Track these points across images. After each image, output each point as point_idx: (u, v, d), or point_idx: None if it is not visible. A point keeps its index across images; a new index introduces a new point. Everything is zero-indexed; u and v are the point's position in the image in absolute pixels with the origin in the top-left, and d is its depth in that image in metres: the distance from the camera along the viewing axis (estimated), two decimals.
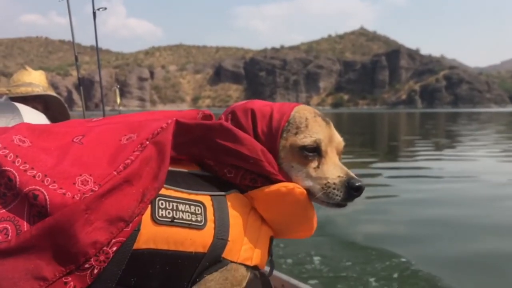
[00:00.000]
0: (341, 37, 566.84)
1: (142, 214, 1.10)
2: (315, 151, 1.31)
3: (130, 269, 1.09)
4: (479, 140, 23.27)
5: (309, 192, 1.29)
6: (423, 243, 5.94)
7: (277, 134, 1.31)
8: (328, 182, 1.28)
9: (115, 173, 1.12)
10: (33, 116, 1.80)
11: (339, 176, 1.28)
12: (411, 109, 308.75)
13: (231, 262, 1.18)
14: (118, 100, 3.76)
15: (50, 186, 1.05)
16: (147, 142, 1.19)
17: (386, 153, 18.84)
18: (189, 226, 1.14)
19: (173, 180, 1.20)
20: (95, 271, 1.03)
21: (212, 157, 1.27)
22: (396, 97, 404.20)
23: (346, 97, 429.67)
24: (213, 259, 1.16)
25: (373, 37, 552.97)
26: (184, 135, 1.26)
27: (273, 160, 1.27)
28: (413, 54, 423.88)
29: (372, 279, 4.68)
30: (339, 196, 1.26)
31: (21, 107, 1.80)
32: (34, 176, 1.06)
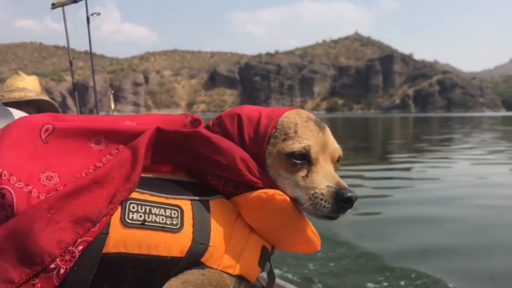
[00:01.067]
0: (335, 42, 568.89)
1: (111, 215, 1.09)
2: (304, 159, 1.25)
3: (101, 274, 1.06)
4: (463, 144, 23.73)
5: (297, 202, 1.24)
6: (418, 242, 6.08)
7: (264, 140, 1.27)
8: (316, 192, 1.22)
9: (83, 174, 1.12)
10: None
11: (328, 186, 1.22)
12: (404, 113, 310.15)
13: (211, 268, 1.14)
14: (113, 105, 3.75)
15: (16, 185, 1.05)
16: (123, 147, 1.19)
17: (379, 156, 19.15)
18: (162, 229, 1.10)
19: (151, 185, 1.18)
20: (61, 271, 1.01)
21: (195, 165, 1.24)
22: (390, 101, 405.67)
23: (340, 101, 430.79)
24: (192, 263, 1.12)
25: (367, 42, 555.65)
26: (166, 143, 1.24)
27: (255, 168, 1.23)
28: (406, 59, 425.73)
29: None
30: (327, 207, 1.20)
31: (14, 112, 1.79)
32: (0, 175, 1.05)
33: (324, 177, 1.23)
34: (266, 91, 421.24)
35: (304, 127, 1.28)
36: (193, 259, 1.12)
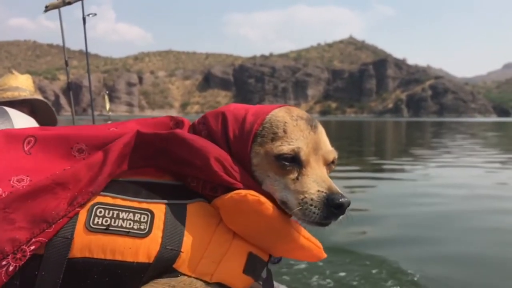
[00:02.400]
0: (330, 45, 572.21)
1: (69, 217, 1.08)
2: (294, 161, 1.18)
3: (69, 278, 1.06)
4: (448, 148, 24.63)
5: (286, 206, 1.18)
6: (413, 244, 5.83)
7: (248, 138, 1.21)
8: (305, 197, 1.14)
9: (48, 176, 1.12)
10: (23, 120, 1.80)
11: (318, 191, 1.14)
12: (397, 117, 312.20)
13: (184, 275, 1.09)
14: (108, 106, 3.77)
15: None
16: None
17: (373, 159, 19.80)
18: (128, 234, 1.07)
19: (126, 189, 1.15)
20: (10, 268, 1.02)
21: (175, 168, 1.21)
22: (383, 105, 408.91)
23: (334, 105, 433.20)
24: (162, 269, 1.09)
25: (362, 46, 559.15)
26: (146, 146, 1.21)
27: (233, 167, 1.17)
28: (400, 64, 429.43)
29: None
30: (317, 213, 1.12)
31: (10, 111, 1.79)
32: None
33: (315, 181, 1.16)
34: (260, 93, 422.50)
35: (294, 126, 1.20)
36: (163, 265, 1.08)
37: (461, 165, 15.44)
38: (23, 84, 2.99)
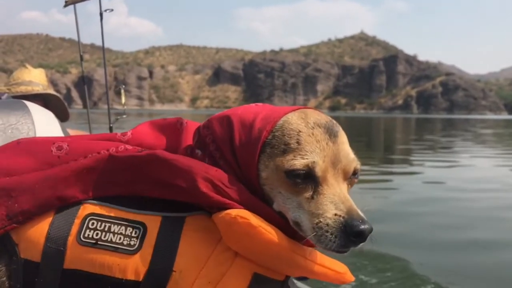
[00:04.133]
0: (340, 41, 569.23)
1: (7, 230, 1.06)
2: (308, 177, 1.03)
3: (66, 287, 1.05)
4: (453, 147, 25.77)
5: (300, 229, 1.05)
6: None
7: (256, 147, 1.07)
8: (320, 222, 1.00)
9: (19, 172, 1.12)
10: (41, 114, 1.84)
11: (336, 215, 1.00)
12: (407, 114, 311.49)
13: None
14: (123, 100, 3.77)
15: None
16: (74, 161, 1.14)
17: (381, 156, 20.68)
18: (116, 250, 1.03)
19: (122, 199, 1.10)
20: None
21: (158, 193, 1.09)
22: (393, 102, 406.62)
23: (343, 100, 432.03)
24: None
25: (373, 41, 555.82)
26: (122, 171, 1.11)
27: (229, 185, 1.05)
28: (410, 60, 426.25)
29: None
30: (334, 241, 0.99)
31: (30, 105, 1.85)
32: None
33: (332, 202, 1.01)
34: (270, 88, 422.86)
35: (310, 136, 1.05)
36: (155, 284, 1.02)
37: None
38: (36, 78, 2.97)
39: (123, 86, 3.83)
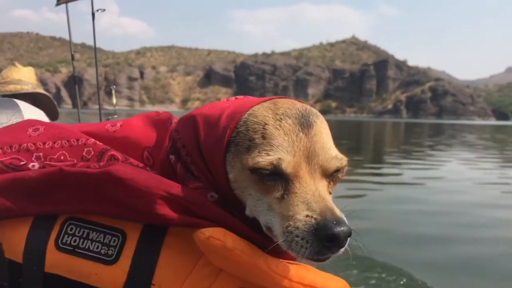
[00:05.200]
0: (332, 45, 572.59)
1: None
2: (277, 174, 0.90)
3: None
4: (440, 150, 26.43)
5: (272, 235, 0.92)
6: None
7: (220, 147, 0.95)
8: (290, 225, 0.86)
9: None
10: (32, 113, 1.82)
11: (307, 216, 0.85)
12: (396, 118, 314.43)
13: None
14: (114, 100, 3.73)
15: None
16: (51, 143, 1.13)
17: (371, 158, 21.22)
18: (93, 259, 0.97)
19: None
20: None
21: (120, 212, 0.99)
22: (383, 106, 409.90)
23: (334, 104, 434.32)
24: None
25: (364, 46, 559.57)
26: (72, 186, 1.02)
27: (195, 201, 0.95)
28: (400, 65, 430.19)
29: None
30: (306, 248, 0.84)
31: (21, 103, 1.84)
32: None
33: (304, 202, 0.87)
34: (261, 90, 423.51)
35: (277, 128, 0.91)
36: None
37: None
38: (25, 77, 2.95)
39: (114, 87, 3.79)
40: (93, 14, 3.67)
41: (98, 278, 0.96)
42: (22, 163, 1.09)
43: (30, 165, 1.08)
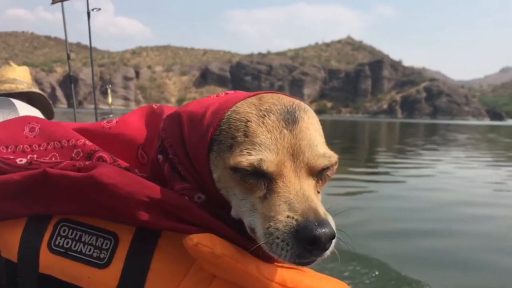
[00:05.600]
0: (327, 45, 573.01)
1: None
2: (259, 173, 0.86)
3: None
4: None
5: (256, 237, 0.88)
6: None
7: (204, 146, 0.92)
8: (270, 226, 0.82)
9: None
10: (28, 111, 1.80)
11: (288, 217, 0.81)
12: (391, 118, 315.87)
13: None
14: (110, 100, 3.72)
15: None
16: (45, 145, 1.13)
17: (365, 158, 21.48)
18: (85, 262, 0.96)
19: None
20: None
21: (108, 215, 0.97)
22: (378, 106, 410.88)
23: (329, 104, 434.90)
24: None
25: (359, 46, 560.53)
26: (54, 188, 1.01)
27: (181, 206, 0.92)
28: (395, 65, 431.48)
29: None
30: (287, 250, 0.80)
31: (17, 103, 1.82)
32: None
33: (287, 201, 0.83)
34: (257, 90, 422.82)
35: (259, 125, 0.87)
36: None
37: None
38: (20, 76, 2.95)
39: (110, 86, 3.79)
40: (88, 13, 3.65)
41: (90, 281, 0.95)
42: (11, 157, 1.09)
43: (18, 160, 1.08)
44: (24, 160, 1.07)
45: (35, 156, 1.10)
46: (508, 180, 13.57)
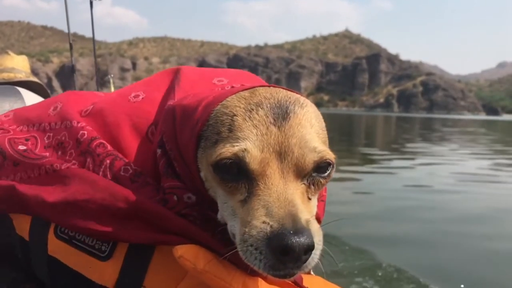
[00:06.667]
0: (325, 38, 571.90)
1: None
2: (240, 172, 0.79)
3: (54, 271, 1.03)
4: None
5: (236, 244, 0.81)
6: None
7: (191, 143, 0.86)
8: (245, 232, 0.75)
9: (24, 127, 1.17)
10: (34, 100, 1.78)
11: (264, 222, 0.73)
12: (388, 112, 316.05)
13: None
14: (112, 89, 3.58)
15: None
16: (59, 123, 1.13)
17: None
18: (87, 252, 0.95)
19: None
20: None
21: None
22: (374, 100, 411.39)
23: (326, 97, 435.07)
24: None
25: (357, 39, 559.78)
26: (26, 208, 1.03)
27: (164, 215, 0.88)
28: (392, 59, 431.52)
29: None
30: (260, 260, 0.72)
31: (23, 91, 1.81)
32: None
33: (265, 206, 0.75)
34: None
35: (246, 120, 0.80)
36: None
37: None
38: (19, 65, 2.94)
39: (112, 75, 3.72)
40: (91, 3, 3.59)
41: (92, 271, 0.95)
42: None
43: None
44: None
45: (51, 134, 1.12)
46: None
